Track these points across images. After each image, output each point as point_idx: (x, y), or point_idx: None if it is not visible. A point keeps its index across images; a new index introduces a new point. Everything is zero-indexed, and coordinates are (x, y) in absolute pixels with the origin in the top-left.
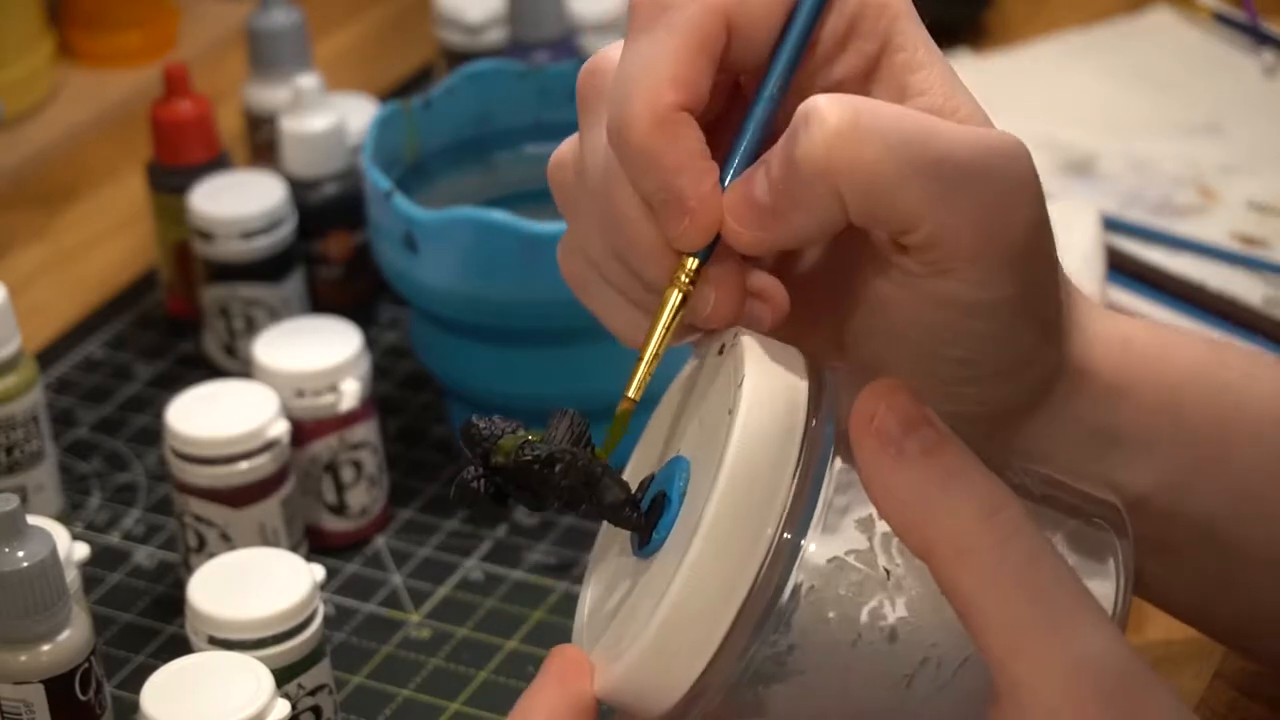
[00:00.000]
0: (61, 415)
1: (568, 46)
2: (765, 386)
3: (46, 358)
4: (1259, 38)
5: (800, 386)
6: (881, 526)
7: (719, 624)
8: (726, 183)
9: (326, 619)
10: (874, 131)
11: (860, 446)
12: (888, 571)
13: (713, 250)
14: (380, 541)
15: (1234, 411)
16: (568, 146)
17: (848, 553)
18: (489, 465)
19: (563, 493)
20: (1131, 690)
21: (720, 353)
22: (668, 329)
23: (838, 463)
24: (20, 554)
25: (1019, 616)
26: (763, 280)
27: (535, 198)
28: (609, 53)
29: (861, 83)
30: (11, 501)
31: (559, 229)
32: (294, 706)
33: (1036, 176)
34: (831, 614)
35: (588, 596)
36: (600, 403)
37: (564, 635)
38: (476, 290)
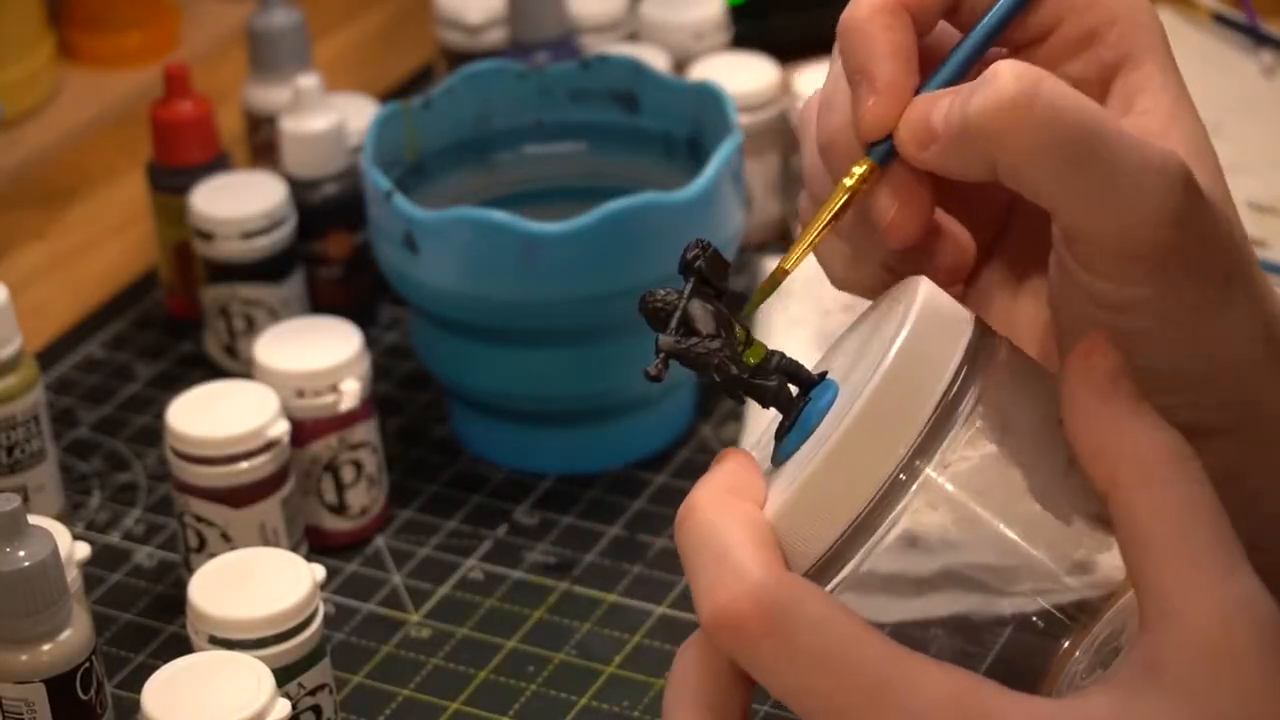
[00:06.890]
0: (62, 415)
1: (568, 46)
2: (935, 311)
3: (46, 358)
4: (1258, 38)
5: (967, 322)
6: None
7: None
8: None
9: (326, 619)
10: (1042, 115)
11: (1072, 370)
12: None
13: (887, 159)
14: (380, 541)
15: None
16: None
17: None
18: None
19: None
20: None
21: (896, 300)
22: (834, 215)
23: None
24: (21, 554)
25: (1193, 550)
26: (951, 224)
27: (535, 198)
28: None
29: (1096, 87)
30: (12, 501)
31: (559, 229)
32: (294, 706)
33: (1180, 197)
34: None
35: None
36: (602, 402)
37: (564, 635)
38: (476, 290)
